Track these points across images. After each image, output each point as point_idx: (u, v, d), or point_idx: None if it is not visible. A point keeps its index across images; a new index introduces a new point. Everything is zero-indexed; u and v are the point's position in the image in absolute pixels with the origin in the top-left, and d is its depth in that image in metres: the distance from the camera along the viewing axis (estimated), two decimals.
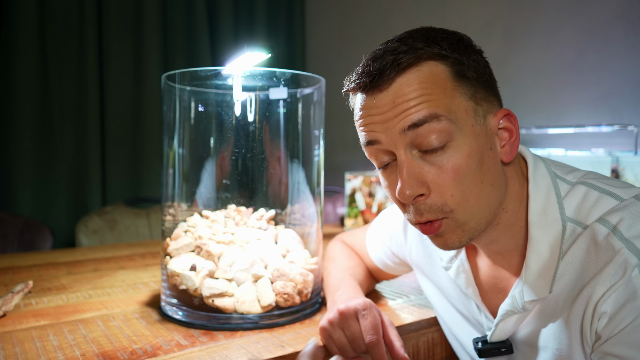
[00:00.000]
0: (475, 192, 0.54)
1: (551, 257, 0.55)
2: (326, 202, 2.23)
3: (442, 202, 0.54)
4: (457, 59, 0.54)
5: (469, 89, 0.54)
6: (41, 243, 1.59)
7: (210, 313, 0.76)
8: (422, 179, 0.54)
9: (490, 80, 0.57)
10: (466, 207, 0.54)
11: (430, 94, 0.53)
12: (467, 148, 0.53)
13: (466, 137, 0.53)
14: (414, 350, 0.80)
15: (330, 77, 1.24)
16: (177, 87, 0.84)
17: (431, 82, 0.53)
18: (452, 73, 0.54)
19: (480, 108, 0.55)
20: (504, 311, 0.60)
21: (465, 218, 0.55)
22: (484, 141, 0.55)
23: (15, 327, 0.75)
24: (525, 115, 1.61)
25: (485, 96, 0.56)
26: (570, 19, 1.51)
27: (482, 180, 0.54)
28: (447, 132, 0.53)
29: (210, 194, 0.87)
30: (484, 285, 0.66)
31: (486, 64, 0.58)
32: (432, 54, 0.54)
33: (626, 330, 0.48)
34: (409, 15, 2.11)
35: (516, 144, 0.57)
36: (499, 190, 0.56)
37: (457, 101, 0.53)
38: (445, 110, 0.53)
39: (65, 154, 2.05)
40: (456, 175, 0.53)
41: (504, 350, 0.63)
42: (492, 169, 0.55)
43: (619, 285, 0.48)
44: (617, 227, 0.50)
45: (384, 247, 0.86)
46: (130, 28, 2.19)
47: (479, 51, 0.58)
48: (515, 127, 0.57)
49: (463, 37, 0.57)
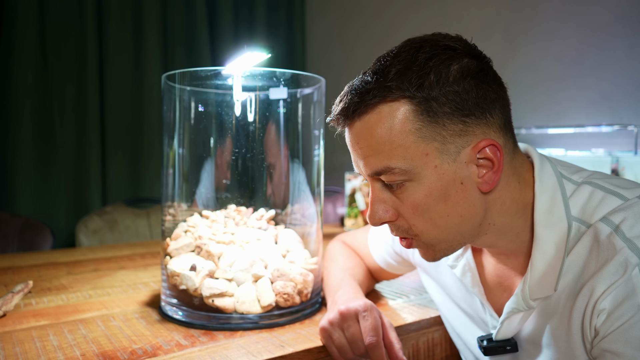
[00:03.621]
0: (440, 223, 0.56)
1: (556, 255, 0.56)
2: (326, 202, 2.23)
3: (407, 227, 0.58)
4: (426, 97, 0.52)
5: (435, 128, 0.53)
6: (41, 243, 1.59)
7: (210, 313, 0.76)
8: (387, 206, 0.58)
9: (475, 109, 0.54)
10: (430, 234, 0.57)
11: (385, 142, 0.54)
12: (426, 188, 0.55)
13: (425, 178, 0.54)
14: (414, 350, 0.80)
15: (330, 77, 1.24)
16: (177, 87, 0.84)
17: (389, 127, 0.54)
18: (416, 112, 0.53)
19: (450, 146, 0.53)
20: (509, 309, 0.60)
21: (432, 241, 0.58)
22: (451, 178, 0.54)
23: (15, 327, 0.75)
24: (525, 115, 1.61)
25: (461, 130, 0.53)
26: (570, 19, 1.51)
27: (447, 214, 0.56)
28: (404, 176, 0.55)
29: (210, 194, 0.87)
30: (489, 283, 0.67)
31: (477, 90, 0.54)
32: (398, 94, 0.53)
33: (623, 327, 0.48)
34: (408, 16, 2.11)
35: (498, 173, 0.55)
36: (472, 219, 0.56)
37: (415, 147, 0.53)
38: (399, 160, 0.54)
39: (66, 154, 2.05)
40: (415, 210, 0.56)
41: (509, 348, 0.63)
42: (461, 202, 0.55)
43: (619, 284, 0.49)
44: (620, 226, 0.51)
45: (386, 246, 0.86)
46: (130, 28, 2.19)
47: (476, 74, 0.54)
48: (496, 158, 0.54)
49: (454, 59, 0.54)
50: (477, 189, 0.55)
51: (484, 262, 0.67)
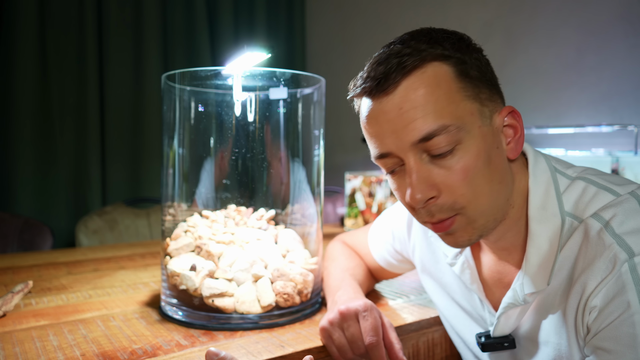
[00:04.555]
0: (485, 190, 0.55)
1: (550, 250, 0.56)
2: (326, 202, 2.23)
3: (452, 201, 0.55)
4: (460, 59, 0.55)
5: (473, 89, 0.55)
6: (41, 243, 1.59)
7: (210, 313, 0.76)
8: (432, 182, 0.55)
9: (493, 78, 0.58)
10: (476, 204, 0.55)
11: (436, 101, 0.53)
12: (475, 149, 0.54)
13: (474, 139, 0.54)
14: (414, 350, 0.80)
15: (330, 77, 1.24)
16: (177, 87, 0.84)
17: (436, 85, 0.53)
18: (456, 73, 0.55)
19: (485, 109, 0.56)
20: (505, 304, 0.61)
21: (475, 215, 0.56)
22: (491, 140, 0.56)
23: (15, 327, 0.75)
24: (526, 115, 1.61)
25: (489, 95, 0.57)
26: (570, 19, 1.51)
27: (491, 179, 0.55)
28: (456, 138, 0.53)
29: (210, 194, 0.87)
30: (487, 280, 0.67)
31: (487, 62, 0.59)
32: (436, 55, 0.54)
33: (613, 324, 0.49)
34: (408, 16, 2.11)
35: (521, 141, 0.58)
36: (507, 187, 0.58)
37: (462, 105, 0.54)
38: (452, 118, 0.53)
39: (66, 154, 2.05)
40: (466, 176, 0.54)
41: (507, 345, 0.64)
42: (499, 166, 0.56)
43: (608, 280, 0.49)
44: (610, 222, 0.51)
45: (387, 245, 0.86)
46: (130, 28, 2.19)
47: (479, 50, 0.59)
48: (519, 124, 0.58)
49: (463, 37, 0.58)
50: (505, 156, 0.58)
51: (482, 260, 0.68)
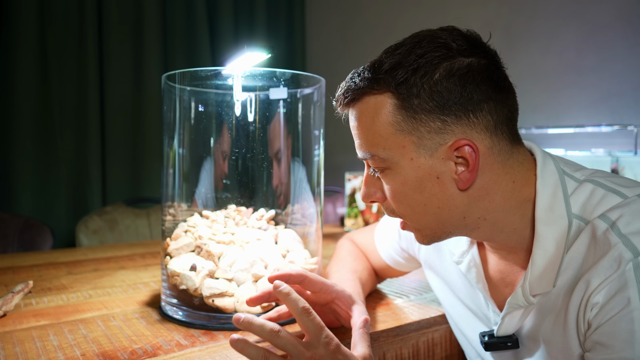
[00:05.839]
0: (418, 211, 0.60)
1: (556, 252, 0.56)
2: (326, 202, 2.23)
3: (392, 210, 0.63)
4: (408, 94, 0.55)
5: (413, 123, 0.56)
6: (41, 243, 1.59)
7: (211, 313, 0.76)
8: (375, 188, 0.63)
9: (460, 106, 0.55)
10: (413, 220, 0.61)
11: (368, 132, 0.59)
12: (402, 177, 0.59)
13: (402, 169, 0.58)
14: (414, 350, 0.80)
15: (330, 77, 1.24)
16: (177, 87, 0.84)
17: (372, 118, 0.58)
18: (396, 106, 0.57)
19: (427, 142, 0.56)
20: (510, 304, 0.61)
21: (418, 226, 0.62)
22: (427, 172, 0.57)
23: (16, 327, 0.75)
24: (526, 115, 1.61)
25: (439, 127, 0.55)
26: (570, 20, 1.51)
27: (425, 204, 0.59)
28: (383, 165, 0.59)
29: (210, 194, 0.87)
30: (492, 279, 0.67)
31: (462, 90, 0.55)
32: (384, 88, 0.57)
33: (613, 320, 0.49)
34: (408, 16, 2.11)
35: (473, 173, 0.56)
36: (451, 212, 0.59)
37: (392, 138, 0.57)
38: (379, 149, 0.59)
39: (66, 154, 2.05)
40: (393, 196, 0.60)
41: (510, 344, 0.64)
42: (438, 194, 0.58)
43: (612, 278, 0.50)
44: (616, 223, 0.52)
45: (393, 243, 0.86)
46: (130, 28, 2.19)
47: (464, 74, 0.55)
48: (472, 158, 0.55)
49: (445, 58, 0.55)
50: (455, 185, 0.58)
51: (488, 259, 0.68)
